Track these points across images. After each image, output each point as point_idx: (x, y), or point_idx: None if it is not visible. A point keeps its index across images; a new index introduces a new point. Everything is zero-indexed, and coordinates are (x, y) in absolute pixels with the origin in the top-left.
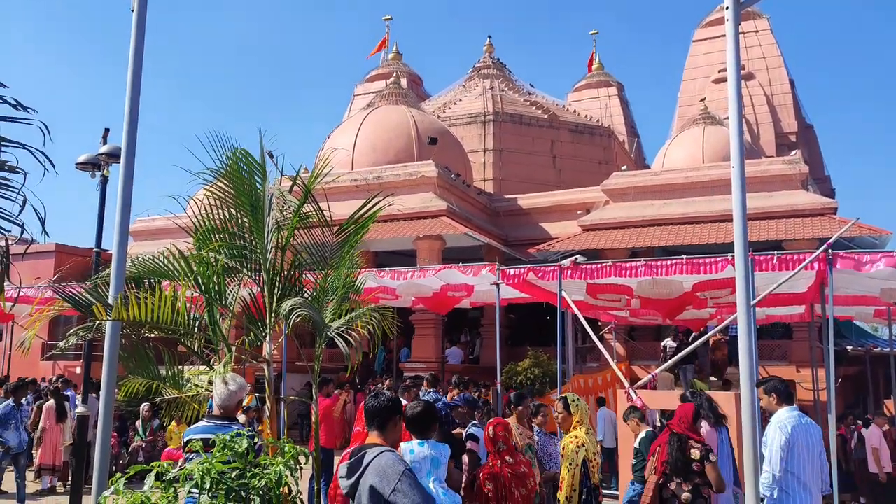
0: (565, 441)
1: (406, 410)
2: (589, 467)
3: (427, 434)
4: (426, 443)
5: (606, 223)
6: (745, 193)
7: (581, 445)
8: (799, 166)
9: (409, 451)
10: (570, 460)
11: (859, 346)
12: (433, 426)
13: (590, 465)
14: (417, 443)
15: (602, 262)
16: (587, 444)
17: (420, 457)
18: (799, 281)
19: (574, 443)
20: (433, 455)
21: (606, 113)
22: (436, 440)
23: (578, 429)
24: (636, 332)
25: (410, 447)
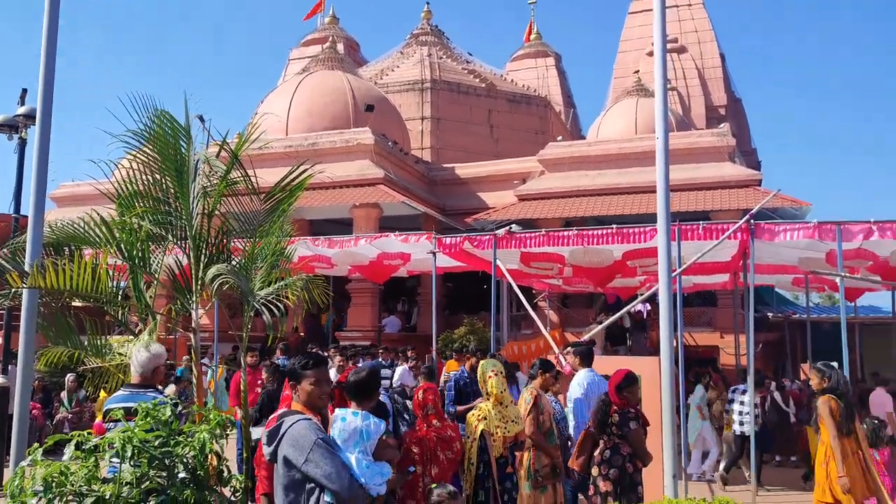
0: (468, 414)
1: (349, 376)
2: (489, 440)
3: (364, 403)
4: (360, 413)
5: (542, 193)
6: (669, 165)
7: (482, 418)
8: (727, 139)
9: (341, 419)
10: (469, 433)
11: (779, 313)
12: (373, 395)
13: (490, 438)
14: (352, 412)
15: (535, 232)
16: (490, 417)
17: (350, 427)
18: (723, 250)
19: (475, 416)
20: (364, 427)
21: (544, 83)
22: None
23: (486, 401)
24: (569, 299)
25: (343, 415)
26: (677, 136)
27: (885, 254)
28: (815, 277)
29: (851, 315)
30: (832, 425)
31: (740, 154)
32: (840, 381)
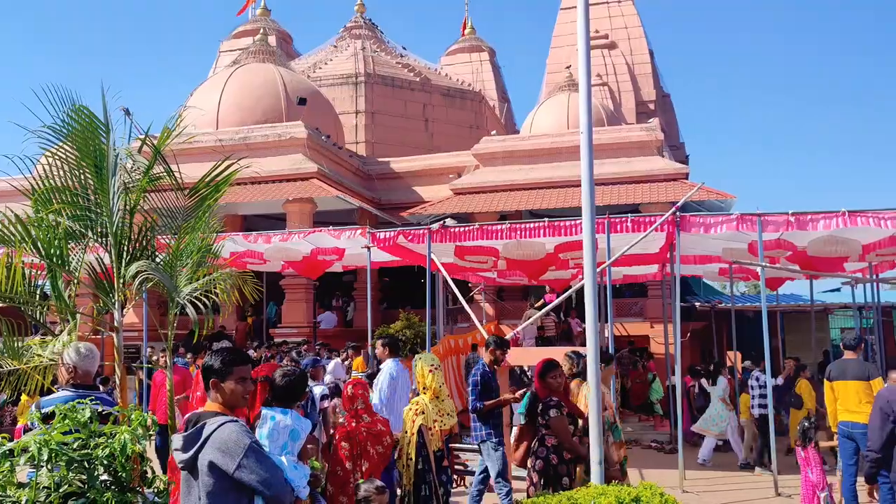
0: (405, 409)
1: (275, 375)
2: (426, 435)
3: (293, 403)
4: (290, 412)
5: (477, 187)
6: (593, 159)
7: (420, 413)
8: (655, 133)
9: (271, 418)
10: (407, 428)
11: (706, 303)
12: (302, 396)
13: (427, 432)
14: (281, 411)
15: (469, 225)
16: (428, 412)
17: (281, 426)
18: (652, 242)
19: (412, 410)
20: (294, 427)
21: (478, 78)
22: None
23: (424, 394)
24: (505, 292)
25: (272, 414)
26: (608, 131)
27: (803, 244)
28: (738, 267)
29: (773, 303)
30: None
31: (669, 148)
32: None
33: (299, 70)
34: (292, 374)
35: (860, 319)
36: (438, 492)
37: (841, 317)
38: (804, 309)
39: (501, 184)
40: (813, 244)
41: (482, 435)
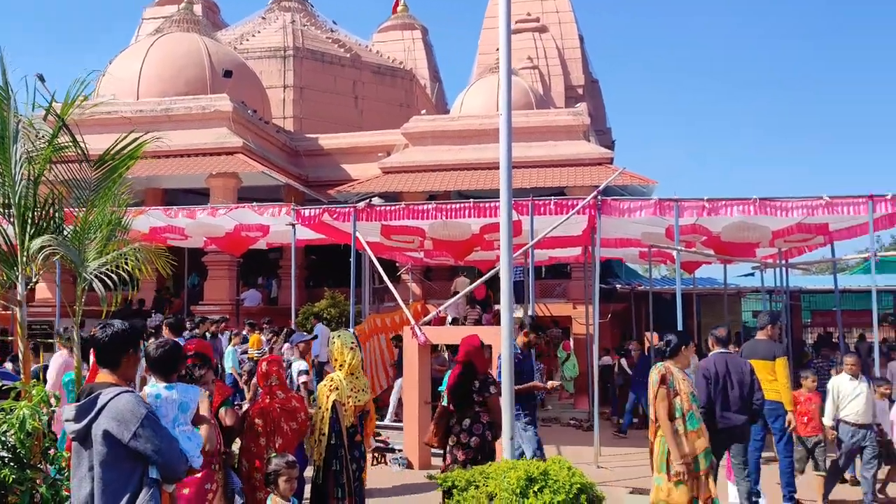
0: (319, 384)
1: (149, 349)
2: (340, 411)
3: (172, 377)
4: (175, 387)
5: (406, 166)
6: (511, 142)
7: (334, 388)
8: (582, 118)
9: (156, 396)
10: (321, 404)
11: (626, 285)
12: (179, 368)
13: (341, 408)
14: (165, 386)
15: (395, 205)
16: (342, 388)
17: (168, 401)
18: (575, 225)
19: (327, 386)
20: (182, 399)
21: (410, 56)
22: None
23: (338, 370)
24: (432, 272)
25: (157, 391)
26: (537, 114)
27: (717, 229)
28: (657, 251)
29: (689, 286)
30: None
31: (595, 133)
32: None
33: (226, 41)
34: (165, 345)
35: (770, 303)
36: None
37: (753, 300)
38: (718, 292)
39: (431, 164)
40: (726, 230)
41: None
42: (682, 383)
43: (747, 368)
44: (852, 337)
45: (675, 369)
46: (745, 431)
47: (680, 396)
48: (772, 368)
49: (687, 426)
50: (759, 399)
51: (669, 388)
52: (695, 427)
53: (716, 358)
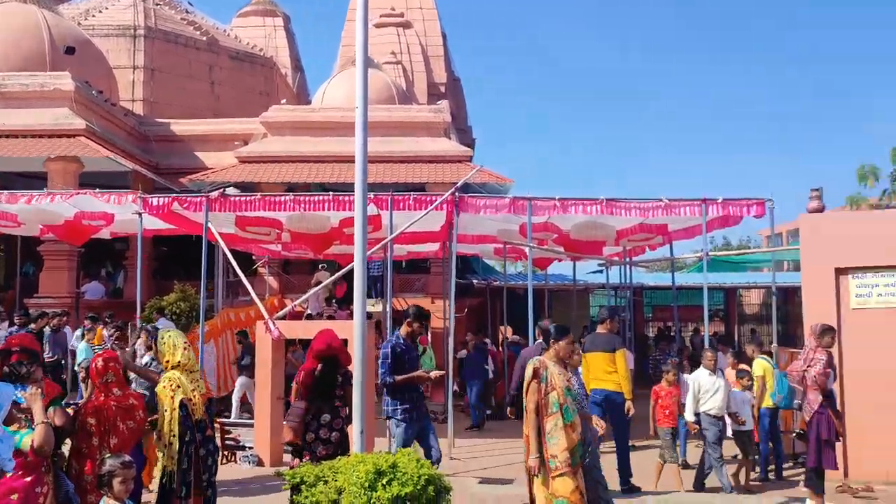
0: (158, 387)
1: None
2: (189, 407)
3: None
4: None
5: (264, 156)
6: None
7: (177, 387)
8: (443, 115)
9: None
10: (166, 406)
11: (483, 280)
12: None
13: (190, 404)
14: None
15: (251, 195)
16: (184, 385)
17: None
18: (434, 220)
19: (168, 386)
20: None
21: (271, 43)
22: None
23: (168, 370)
24: (291, 266)
25: None
26: (399, 109)
27: (567, 227)
28: (512, 248)
29: (542, 282)
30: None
31: (456, 131)
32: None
33: (69, 16)
34: None
35: (615, 298)
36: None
37: (600, 295)
38: (568, 288)
39: (290, 155)
40: (576, 228)
41: (388, 410)
42: (558, 378)
43: None
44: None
45: (550, 363)
46: None
47: (556, 391)
48: (612, 360)
49: (564, 419)
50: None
51: (542, 382)
52: (570, 420)
53: (537, 348)
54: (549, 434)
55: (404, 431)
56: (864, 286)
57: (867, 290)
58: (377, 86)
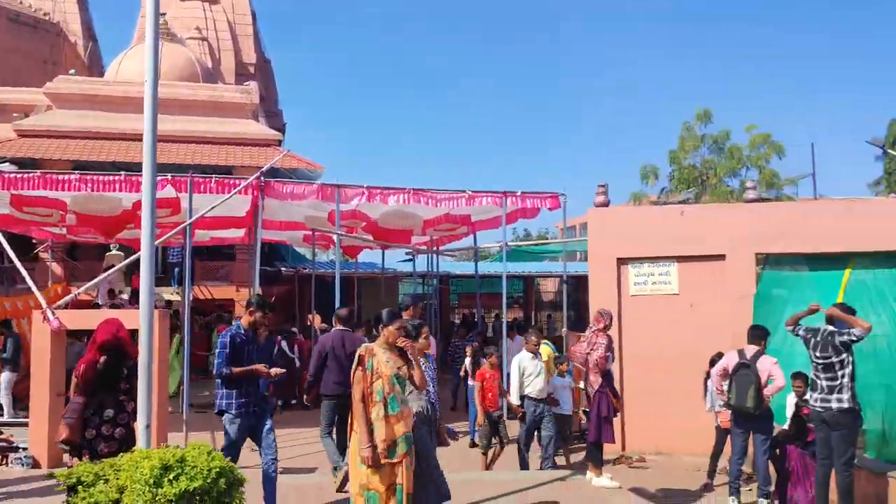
0: None
1: None
2: None
3: None
4: None
5: (49, 130)
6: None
7: None
8: (251, 97)
9: None
10: None
11: (291, 268)
12: None
13: None
14: None
15: (30, 172)
16: None
17: None
18: (238, 205)
19: None
20: None
21: (59, 8)
22: None
23: None
24: (79, 250)
25: None
26: (203, 88)
27: (376, 216)
28: (321, 235)
29: (352, 270)
30: None
31: (266, 114)
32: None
33: None
34: None
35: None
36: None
37: (409, 283)
38: (377, 276)
39: (79, 130)
40: (384, 217)
41: (222, 404)
42: (385, 366)
43: (361, 344)
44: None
45: (380, 350)
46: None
47: (382, 379)
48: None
49: (388, 409)
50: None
51: (367, 370)
52: (395, 411)
53: (334, 334)
54: (372, 424)
55: (238, 428)
56: (641, 275)
57: (643, 278)
58: (179, 62)
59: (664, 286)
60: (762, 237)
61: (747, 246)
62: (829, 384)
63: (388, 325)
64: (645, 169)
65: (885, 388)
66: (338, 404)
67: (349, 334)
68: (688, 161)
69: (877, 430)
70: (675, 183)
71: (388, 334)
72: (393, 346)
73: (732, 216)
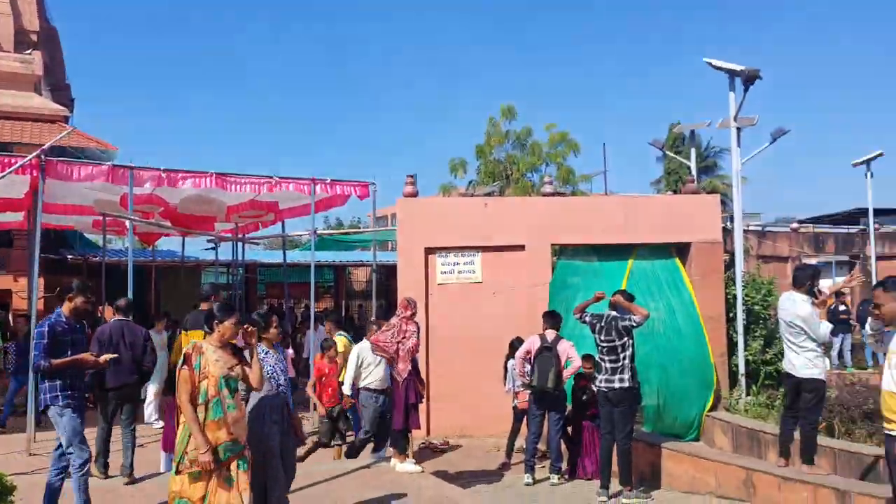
0: None
1: None
2: None
3: None
4: None
5: None
6: None
7: None
8: (34, 67)
9: None
10: None
11: (80, 255)
12: None
13: None
14: None
15: None
16: None
17: None
18: (17, 186)
19: None
20: None
21: None
22: None
23: None
24: None
25: None
26: None
27: (175, 201)
28: (113, 220)
29: (149, 258)
30: None
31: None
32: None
33: None
34: None
35: (228, 275)
36: None
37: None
38: (177, 265)
39: None
40: (184, 202)
41: (47, 398)
42: (215, 365)
43: (141, 334)
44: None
45: (210, 348)
46: (133, 392)
47: (208, 380)
48: None
49: (209, 415)
50: (149, 361)
51: (195, 369)
52: (217, 416)
53: (113, 325)
54: (203, 427)
55: (71, 420)
56: (448, 264)
57: (450, 267)
58: None
59: (469, 275)
60: (557, 229)
61: (544, 237)
62: (612, 366)
63: (224, 321)
64: (454, 162)
65: (661, 368)
66: (118, 395)
67: (129, 325)
68: (493, 156)
69: (653, 405)
70: (482, 176)
71: (223, 330)
72: (227, 343)
73: (531, 209)
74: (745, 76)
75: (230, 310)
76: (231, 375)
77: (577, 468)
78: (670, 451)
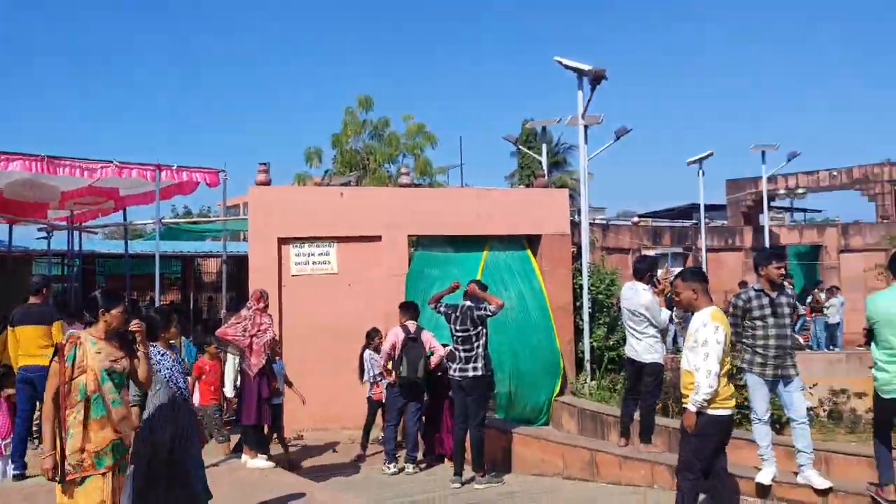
0: None
1: None
2: None
3: None
4: None
5: None
6: None
7: None
8: None
9: None
10: None
11: None
12: None
13: None
14: None
15: None
16: None
17: None
18: None
19: None
20: None
21: None
22: None
23: None
24: None
25: None
26: None
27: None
28: None
29: None
30: None
31: None
32: None
33: None
34: None
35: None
36: None
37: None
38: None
39: None
40: (10, 187)
41: None
42: (95, 358)
43: None
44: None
45: (90, 339)
46: None
47: (87, 374)
48: (48, 332)
49: (91, 412)
50: None
51: (68, 362)
52: (100, 414)
53: None
54: (68, 429)
55: None
56: (302, 255)
57: (305, 258)
58: None
59: (324, 266)
60: (414, 220)
61: (401, 228)
62: (466, 354)
63: (110, 310)
64: (309, 151)
65: (513, 353)
66: None
67: None
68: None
69: (505, 392)
70: (339, 166)
71: (109, 319)
72: (113, 334)
73: (388, 200)
74: (592, 76)
75: (116, 298)
76: (115, 369)
77: (436, 444)
78: (520, 436)
